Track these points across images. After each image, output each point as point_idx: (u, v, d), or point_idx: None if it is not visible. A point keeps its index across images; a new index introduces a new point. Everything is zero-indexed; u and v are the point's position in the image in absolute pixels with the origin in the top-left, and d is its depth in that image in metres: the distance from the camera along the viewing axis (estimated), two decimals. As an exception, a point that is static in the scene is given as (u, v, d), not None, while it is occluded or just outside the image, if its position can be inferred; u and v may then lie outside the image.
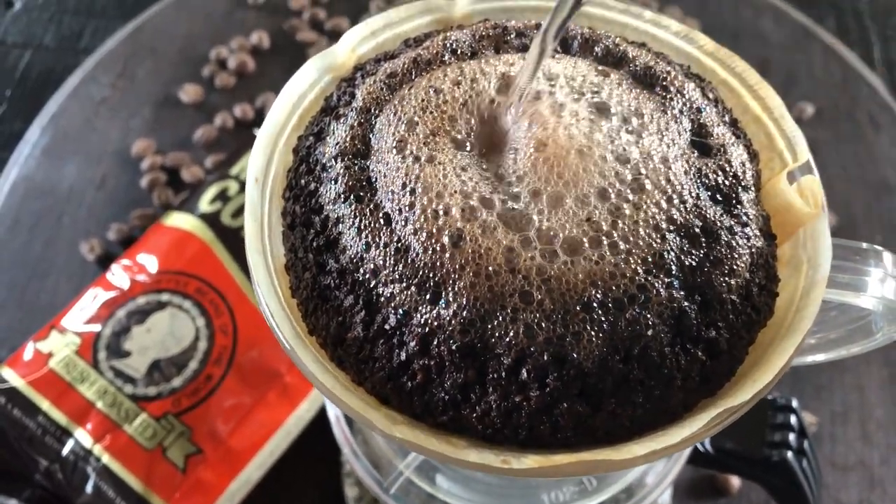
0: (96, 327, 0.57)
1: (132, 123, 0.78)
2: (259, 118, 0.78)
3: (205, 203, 0.63)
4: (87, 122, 0.78)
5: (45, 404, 0.55)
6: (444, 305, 0.28)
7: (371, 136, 0.32)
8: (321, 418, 0.58)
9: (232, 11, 0.87)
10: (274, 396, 0.57)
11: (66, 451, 0.54)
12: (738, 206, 0.31)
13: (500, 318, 0.28)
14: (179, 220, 0.62)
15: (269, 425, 0.57)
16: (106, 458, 0.53)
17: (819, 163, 0.34)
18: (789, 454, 0.44)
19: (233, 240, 0.61)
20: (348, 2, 0.87)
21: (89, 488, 0.53)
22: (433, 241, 0.29)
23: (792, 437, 0.45)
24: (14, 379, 0.56)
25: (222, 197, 0.63)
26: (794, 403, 0.46)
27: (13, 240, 0.71)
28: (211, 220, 0.62)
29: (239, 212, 0.63)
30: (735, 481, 0.58)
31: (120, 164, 0.76)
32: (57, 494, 0.54)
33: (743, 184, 0.31)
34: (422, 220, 0.29)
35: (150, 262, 0.60)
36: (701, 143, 0.32)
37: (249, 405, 0.56)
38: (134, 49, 0.83)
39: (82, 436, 0.54)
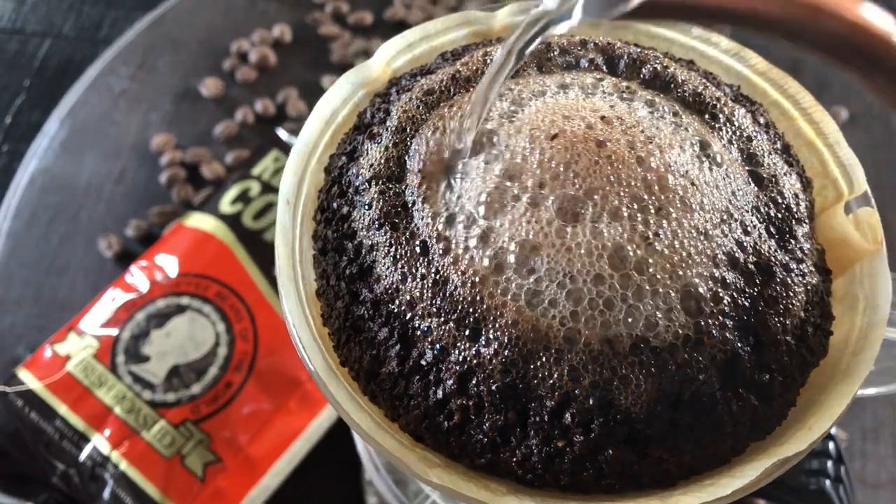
0: (115, 330, 0.56)
1: (151, 117, 0.77)
2: (280, 114, 0.77)
3: (226, 204, 0.62)
4: (106, 114, 0.77)
5: (62, 408, 0.54)
6: (484, 343, 0.27)
7: (407, 158, 0.31)
8: (341, 424, 0.57)
9: (254, 3, 0.85)
10: (294, 404, 0.56)
11: (83, 456, 0.53)
12: (793, 241, 0.29)
13: (544, 359, 0.26)
14: (200, 221, 0.61)
15: (289, 433, 0.56)
16: (124, 465, 0.53)
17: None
18: (827, 483, 0.42)
19: (254, 242, 0.60)
20: (372, -5, 0.86)
21: (107, 495, 0.52)
22: (475, 273, 0.27)
23: (829, 464, 0.43)
24: (31, 381, 0.55)
25: (244, 198, 0.62)
26: (832, 430, 0.44)
27: (31, 234, 0.70)
28: (232, 221, 0.61)
29: (260, 213, 0.61)
30: (759, 501, 0.57)
31: (139, 159, 0.74)
32: (73, 499, 0.53)
33: (796, 216, 0.30)
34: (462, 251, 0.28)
35: (169, 264, 0.59)
36: (752, 172, 0.30)
37: (269, 412, 0.56)
38: (154, 40, 0.82)
39: (100, 441, 0.53)
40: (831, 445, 0.44)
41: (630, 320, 0.26)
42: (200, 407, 0.54)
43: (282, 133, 0.70)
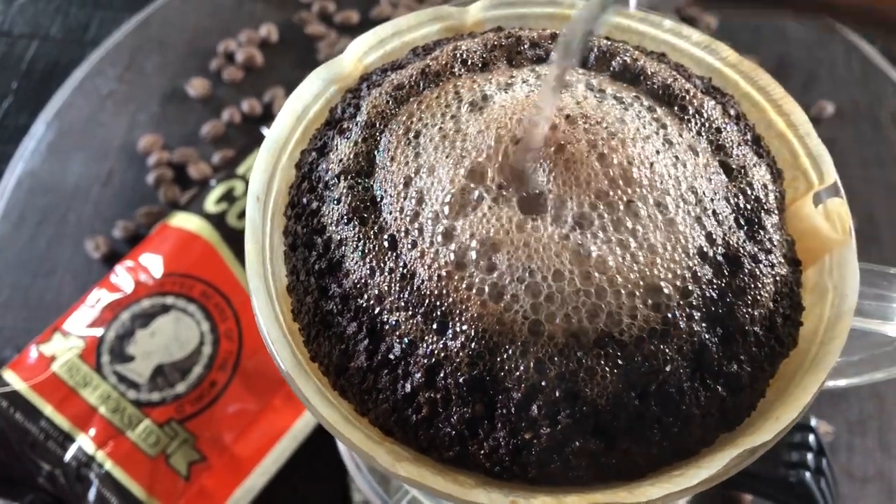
0: (99, 331, 0.56)
1: (139, 118, 0.77)
2: (267, 113, 0.77)
3: (211, 203, 0.62)
4: (93, 116, 0.77)
5: (47, 409, 0.54)
6: (451, 336, 0.27)
7: (376, 153, 0.31)
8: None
9: (240, 3, 0.85)
10: (280, 402, 0.56)
11: (68, 456, 0.53)
12: (762, 231, 0.29)
13: (510, 352, 0.26)
14: (185, 221, 0.61)
15: (275, 432, 0.56)
16: (109, 465, 0.53)
17: (839, 163, 0.33)
18: (807, 475, 0.42)
19: (239, 242, 0.60)
20: (358, -6, 0.86)
21: (92, 495, 0.52)
22: (440, 267, 0.27)
23: (810, 456, 0.43)
24: (16, 382, 0.55)
25: (228, 197, 0.62)
26: (813, 422, 0.44)
27: (18, 236, 0.70)
28: (217, 220, 0.61)
29: (245, 213, 0.61)
30: (747, 496, 0.57)
31: (126, 160, 0.75)
32: (60, 499, 0.53)
33: (766, 207, 0.30)
34: (429, 245, 0.28)
35: (154, 264, 0.59)
36: (722, 163, 0.30)
37: (255, 411, 0.56)
38: (141, 42, 0.82)
39: (85, 441, 0.53)
40: (811, 438, 0.44)
41: (594, 314, 0.26)
42: (185, 406, 0.54)
43: (267, 132, 0.70)
